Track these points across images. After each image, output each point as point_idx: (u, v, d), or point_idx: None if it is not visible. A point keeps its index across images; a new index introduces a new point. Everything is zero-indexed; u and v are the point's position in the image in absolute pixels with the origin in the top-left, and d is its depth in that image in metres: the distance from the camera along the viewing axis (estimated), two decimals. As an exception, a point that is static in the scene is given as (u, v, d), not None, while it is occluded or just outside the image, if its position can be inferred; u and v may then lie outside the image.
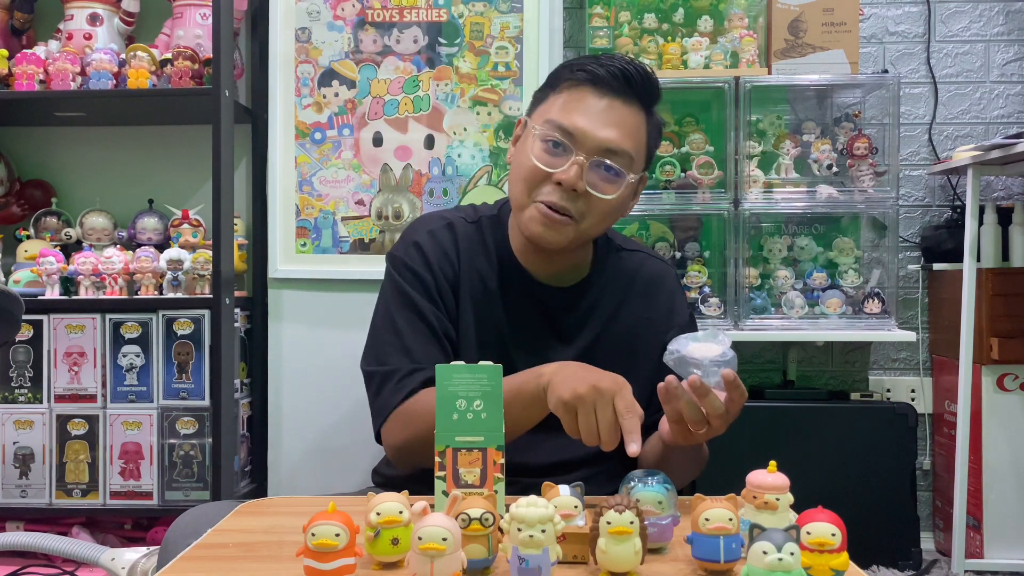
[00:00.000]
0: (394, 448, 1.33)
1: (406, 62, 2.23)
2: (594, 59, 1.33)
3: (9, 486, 2.18)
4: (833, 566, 0.83)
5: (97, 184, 2.49)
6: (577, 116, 1.28)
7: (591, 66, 1.31)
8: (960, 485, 2.30)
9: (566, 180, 1.27)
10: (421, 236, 1.40)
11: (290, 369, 2.23)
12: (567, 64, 1.35)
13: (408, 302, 1.36)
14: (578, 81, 1.30)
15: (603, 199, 1.29)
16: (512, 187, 1.36)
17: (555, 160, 1.28)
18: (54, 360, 2.19)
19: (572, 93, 1.30)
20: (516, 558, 0.84)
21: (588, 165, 1.27)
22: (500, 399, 1.03)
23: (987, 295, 2.34)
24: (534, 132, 1.31)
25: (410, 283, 1.37)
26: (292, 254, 2.24)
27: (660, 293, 1.45)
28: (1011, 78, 2.64)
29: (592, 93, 1.29)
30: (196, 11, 2.28)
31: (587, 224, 1.31)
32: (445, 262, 1.38)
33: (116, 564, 1.84)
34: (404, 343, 1.34)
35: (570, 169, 1.27)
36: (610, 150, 1.28)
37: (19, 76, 2.19)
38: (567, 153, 1.28)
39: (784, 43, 2.38)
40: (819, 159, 2.40)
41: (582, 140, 1.27)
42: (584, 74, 1.30)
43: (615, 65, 1.30)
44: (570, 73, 1.32)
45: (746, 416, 2.31)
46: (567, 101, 1.30)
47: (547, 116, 1.30)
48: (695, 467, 1.38)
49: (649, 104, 1.33)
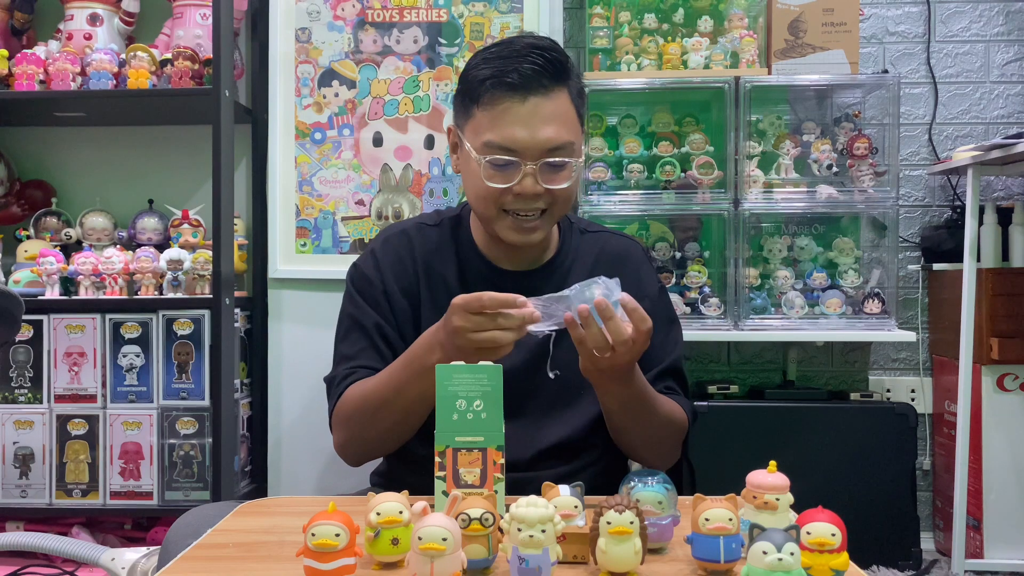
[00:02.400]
0: (339, 450, 1.41)
1: (406, 62, 2.23)
2: (496, 58, 1.32)
3: (9, 486, 2.18)
4: (833, 566, 0.83)
5: (97, 184, 2.50)
6: (510, 130, 1.30)
7: (501, 73, 1.30)
8: (960, 485, 2.30)
9: (524, 191, 1.31)
10: (377, 244, 1.47)
11: (290, 369, 2.23)
12: (475, 74, 1.34)
13: (353, 310, 1.44)
14: (495, 91, 1.30)
15: (562, 188, 1.34)
16: (473, 204, 1.39)
17: (506, 176, 1.31)
18: (54, 360, 2.19)
19: (496, 107, 1.31)
20: (516, 558, 0.84)
21: (539, 168, 1.31)
22: (500, 399, 1.03)
23: (987, 295, 2.34)
24: (474, 156, 1.33)
25: (359, 290, 1.44)
26: (292, 254, 2.24)
27: (626, 267, 1.47)
28: (1011, 78, 2.64)
29: (513, 101, 1.30)
30: (196, 11, 2.28)
31: (556, 211, 1.37)
32: (399, 266, 1.43)
33: (116, 564, 1.84)
34: (343, 351, 1.43)
35: (524, 181, 1.30)
36: (552, 148, 1.31)
37: (19, 76, 2.19)
38: (515, 167, 1.31)
39: (784, 43, 2.38)
40: (819, 159, 2.40)
41: (524, 151, 1.30)
42: (500, 85, 1.30)
43: (523, 63, 1.30)
44: (487, 87, 1.31)
45: (746, 416, 2.34)
46: (494, 117, 1.31)
47: (482, 137, 1.32)
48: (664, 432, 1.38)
49: (566, 80, 1.34)
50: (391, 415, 1.31)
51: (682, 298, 2.38)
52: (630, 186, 2.36)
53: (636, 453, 1.43)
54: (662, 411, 1.35)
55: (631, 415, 1.32)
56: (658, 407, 1.34)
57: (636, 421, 1.33)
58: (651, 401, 1.32)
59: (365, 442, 1.37)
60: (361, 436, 1.36)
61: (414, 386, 1.27)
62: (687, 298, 2.39)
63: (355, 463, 1.43)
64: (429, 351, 1.24)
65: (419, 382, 1.26)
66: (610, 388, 1.27)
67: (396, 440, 1.36)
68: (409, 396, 1.28)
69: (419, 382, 1.26)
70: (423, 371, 1.24)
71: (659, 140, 2.41)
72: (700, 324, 2.34)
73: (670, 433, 1.39)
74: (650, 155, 2.40)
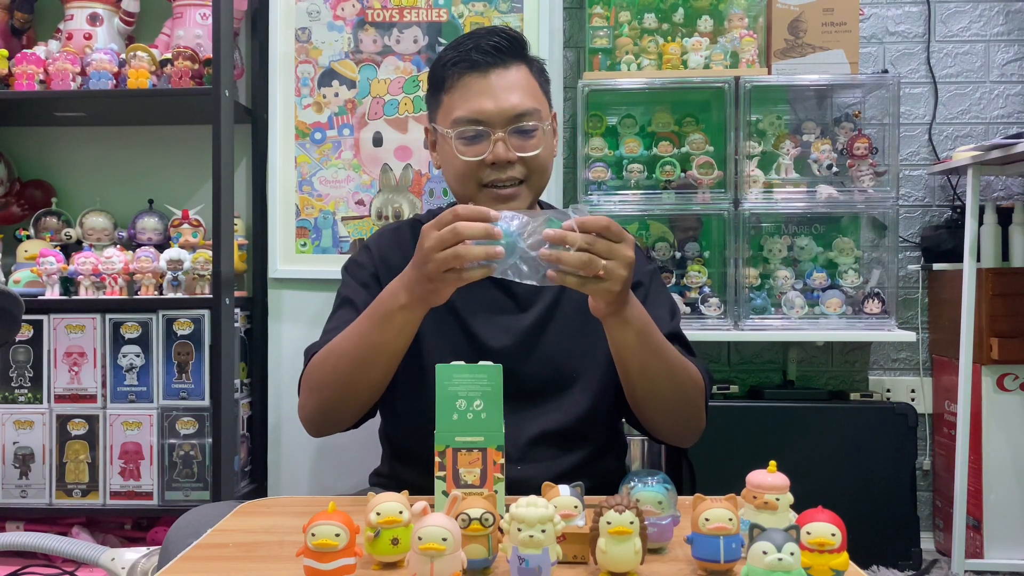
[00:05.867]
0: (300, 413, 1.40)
1: (406, 62, 2.23)
2: (457, 46, 1.42)
3: (9, 486, 2.18)
4: (833, 566, 0.83)
5: (97, 184, 2.50)
6: (475, 101, 1.37)
7: (462, 55, 1.39)
8: (960, 485, 2.30)
9: (497, 157, 1.37)
10: (371, 240, 1.53)
11: (290, 369, 2.23)
12: (439, 63, 1.43)
13: (344, 291, 1.47)
14: (459, 72, 1.39)
15: (534, 155, 1.39)
16: (454, 188, 1.45)
17: (478, 148, 1.38)
18: (54, 360, 2.19)
19: (459, 86, 1.39)
20: (516, 558, 0.84)
21: (508, 134, 1.37)
22: (500, 399, 1.03)
23: (987, 295, 2.34)
24: (447, 135, 1.40)
25: (351, 273, 1.48)
26: (292, 254, 2.24)
27: None
28: (1011, 78, 2.65)
29: (475, 76, 1.38)
30: (196, 11, 2.28)
31: (534, 181, 1.42)
32: (392, 257, 1.46)
33: (116, 564, 1.84)
34: (327, 326, 1.45)
35: (496, 147, 1.36)
36: (518, 114, 1.37)
37: (19, 76, 2.19)
38: (485, 137, 1.37)
39: (784, 43, 2.38)
40: (819, 159, 2.40)
41: (491, 119, 1.37)
42: (461, 64, 1.39)
43: (480, 42, 1.39)
44: (449, 69, 1.40)
45: (746, 416, 2.34)
46: (459, 95, 1.39)
47: (451, 116, 1.39)
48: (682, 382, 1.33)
49: (523, 56, 1.43)
50: (351, 369, 1.29)
51: (682, 298, 2.38)
52: (630, 186, 2.37)
53: (657, 417, 1.37)
54: (675, 358, 1.31)
55: (643, 360, 1.27)
56: (669, 352, 1.30)
57: (651, 369, 1.28)
58: (662, 344, 1.29)
59: (323, 401, 1.34)
60: (320, 395, 1.34)
61: (373, 334, 1.25)
62: (687, 298, 2.39)
63: (315, 431, 1.40)
64: (393, 296, 1.23)
65: (378, 330, 1.24)
66: (615, 325, 1.23)
67: (355, 400, 1.33)
68: (367, 343, 1.26)
69: (378, 330, 1.24)
70: (384, 317, 1.23)
71: (659, 140, 2.41)
72: (700, 324, 2.34)
73: (688, 388, 1.34)
74: (650, 155, 2.40)
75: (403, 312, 1.22)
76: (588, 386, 1.40)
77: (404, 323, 1.23)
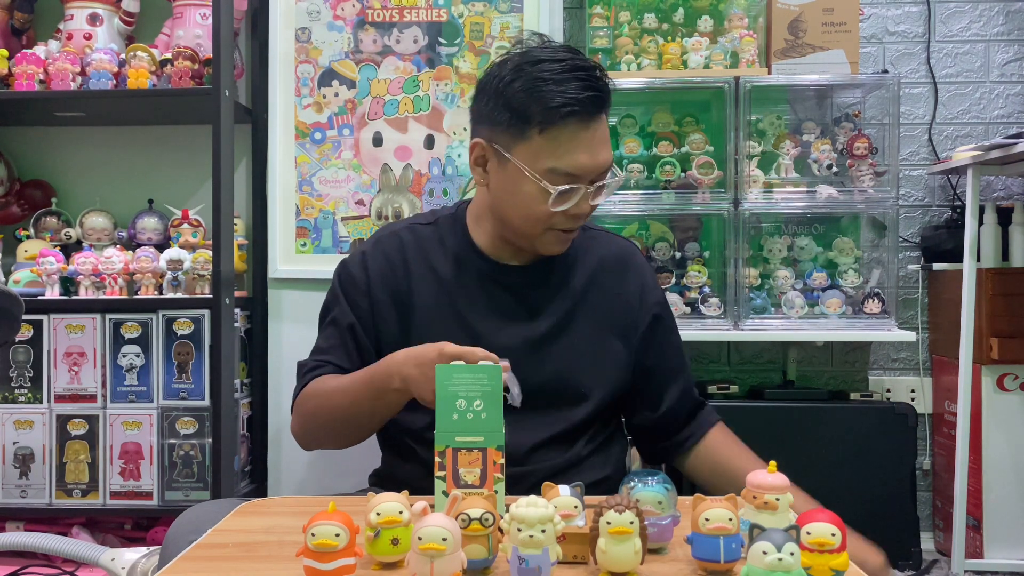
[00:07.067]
0: (293, 432, 1.47)
1: (406, 62, 2.23)
2: (559, 84, 1.28)
3: (9, 486, 2.18)
4: (833, 566, 0.83)
5: (97, 184, 2.49)
6: (577, 157, 1.30)
7: (572, 100, 1.27)
8: (960, 485, 2.30)
9: (582, 212, 1.33)
10: (368, 246, 1.49)
11: (290, 369, 2.21)
12: (537, 94, 1.28)
13: (334, 305, 1.47)
14: (563, 118, 1.27)
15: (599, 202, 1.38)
16: (514, 221, 1.36)
17: (566, 198, 1.31)
18: (54, 360, 2.19)
19: (563, 134, 1.28)
20: (516, 558, 0.84)
21: (593, 189, 1.33)
22: (500, 399, 1.03)
23: (987, 295, 2.34)
24: (531, 177, 1.30)
25: (343, 287, 1.46)
26: (292, 254, 2.24)
27: (629, 270, 1.49)
28: (1011, 78, 2.64)
29: (579, 127, 1.29)
30: (196, 11, 2.28)
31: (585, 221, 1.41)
32: (388, 270, 1.44)
33: (116, 564, 1.84)
34: (319, 343, 1.48)
35: (582, 204, 1.32)
36: (605, 170, 1.34)
37: (19, 76, 2.19)
38: (576, 191, 1.31)
39: (784, 43, 2.38)
40: (819, 159, 2.40)
41: (586, 175, 1.32)
42: (568, 111, 1.27)
43: (583, 91, 1.28)
44: (550, 111, 1.27)
45: (746, 416, 2.34)
46: (560, 144, 1.29)
47: (544, 163, 1.29)
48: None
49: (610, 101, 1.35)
50: (342, 421, 1.37)
51: (682, 298, 2.38)
52: (630, 186, 2.36)
53: None
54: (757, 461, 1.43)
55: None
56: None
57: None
58: None
59: (317, 437, 1.45)
60: (314, 430, 1.43)
61: (368, 403, 1.32)
62: (687, 298, 2.39)
63: (307, 449, 1.50)
64: (388, 378, 1.27)
65: (373, 401, 1.31)
66: None
67: (345, 441, 1.43)
68: (361, 410, 1.34)
69: (373, 401, 1.31)
70: (379, 393, 1.29)
71: (659, 140, 2.41)
72: (700, 324, 2.34)
73: None
74: (650, 155, 2.40)
75: (396, 393, 1.27)
76: (596, 403, 1.41)
77: (396, 401, 1.30)
